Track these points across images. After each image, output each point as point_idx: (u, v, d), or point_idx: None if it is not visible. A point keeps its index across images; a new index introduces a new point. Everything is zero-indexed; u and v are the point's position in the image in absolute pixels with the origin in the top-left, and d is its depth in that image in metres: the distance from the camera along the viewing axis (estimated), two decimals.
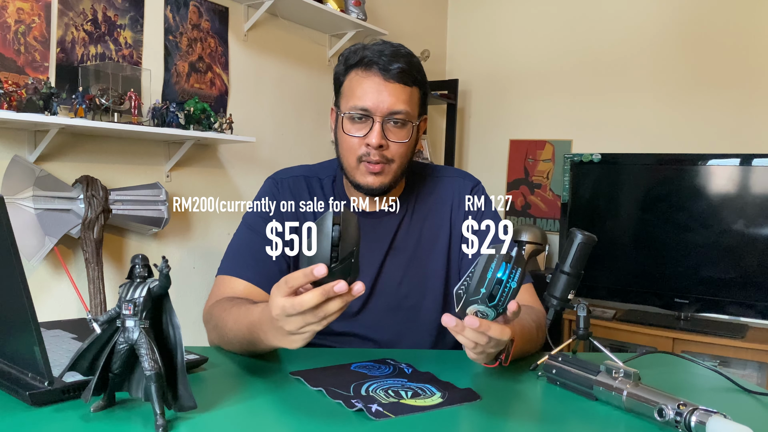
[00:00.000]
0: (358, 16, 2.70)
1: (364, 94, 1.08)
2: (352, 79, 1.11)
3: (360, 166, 1.11)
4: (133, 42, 2.04)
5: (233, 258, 1.16)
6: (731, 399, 0.90)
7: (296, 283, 0.76)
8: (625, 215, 2.89)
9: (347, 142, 1.11)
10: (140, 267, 0.70)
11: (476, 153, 3.69)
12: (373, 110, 1.08)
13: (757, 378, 2.50)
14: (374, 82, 1.08)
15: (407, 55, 1.11)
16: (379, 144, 1.08)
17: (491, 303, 0.76)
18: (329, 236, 0.74)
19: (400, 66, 1.07)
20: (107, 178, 1.95)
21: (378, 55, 1.08)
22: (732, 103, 2.90)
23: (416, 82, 1.11)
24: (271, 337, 0.84)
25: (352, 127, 1.11)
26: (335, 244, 0.74)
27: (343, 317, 1.14)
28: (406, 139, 1.11)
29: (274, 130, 2.62)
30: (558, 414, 0.82)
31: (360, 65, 1.10)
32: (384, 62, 1.07)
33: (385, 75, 1.08)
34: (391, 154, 1.11)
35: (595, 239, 0.99)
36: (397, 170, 1.13)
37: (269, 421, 0.75)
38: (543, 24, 3.41)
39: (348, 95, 1.11)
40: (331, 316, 0.77)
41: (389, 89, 1.08)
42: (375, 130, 1.08)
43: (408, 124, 1.10)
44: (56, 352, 0.88)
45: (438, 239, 1.20)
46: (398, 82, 1.08)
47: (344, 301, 0.76)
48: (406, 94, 1.09)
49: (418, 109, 1.14)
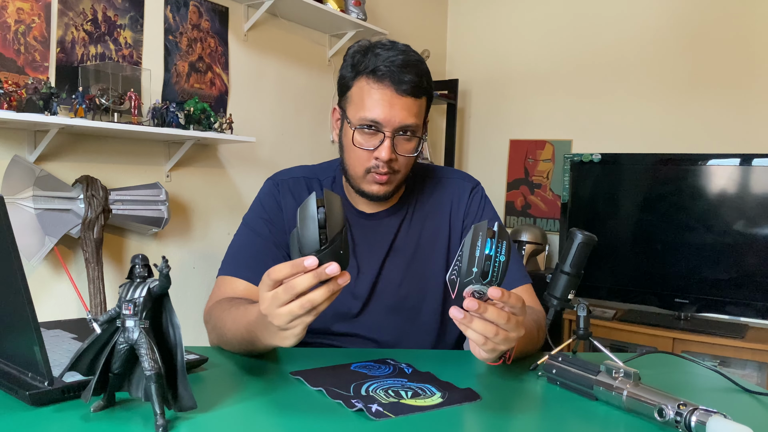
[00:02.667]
0: (358, 16, 2.70)
1: (375, 107, 1.06)
2: (362, 87, 1.08)
3: (367, 176, 1.11)
4: (133, 42, 2.04)
5: (234, 258, 1.15)
6: (731, 399, 0.90)
7: (281, 275, 0.74)
8: (625, 215, 2.89)
9: (356, 153, 1.10)
10: (140, 267, 0.70)
11: (476, 153, 3.69)
12: (384, 124, 1.06)
13: (757, 378, 2.51)
14: (386, 95, 1.06)
15: (417, 63, 1.08)
16: (389, 158, 1.07)
17: (485, 280, 0.76)
18: (315, 219, 0.73)
19: (412, 78, 1.05)
20: (107, 178, 1.95)
21: (390, 64, 1.05)
22: (732, 103, 2.90)
23: (426, 92, 1.10)
24: (267, 336, 0.83)
25: (361, 139, 1.09)
26: (322, 225, 0.73)
27: (343, 318, 1.15)
28: (414, 152, 1.10)
29: (274, 130, 2.62)
30: (558, 414, 0.82)
31: (371, 75, 1.07)
32: (396, 74, 1.05)
33: (397, 88, 1.05)
34: (398, 166, 1.11)
35: (595, 239, 0.99)
36: (401, 178, 1.14)
37: (269, 421, 0.75)
38: (543, 24, 3.41)
39: (357, 104, 1.09)
40: (319, 307, 0.75)
41: (401, 103, 1.06)
42: (386, 146, 1.06)
43: (416, 137, 1.10)
44: (56, 352, 0.88)
45: (438, 240, 1.20)
46: (410, 95, 1.06)
47: (330, 290, 0.74)
48: (417, 106, 1.08)
49: (425, 118, 1.14)
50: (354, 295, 1.15)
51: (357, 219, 1.19)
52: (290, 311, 0.75)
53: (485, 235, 0.75)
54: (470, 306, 0.76)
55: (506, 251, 0.76)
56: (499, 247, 0.75)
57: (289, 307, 0.75)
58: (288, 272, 0.74)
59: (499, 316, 0.77)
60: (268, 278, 0.76)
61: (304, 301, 0.74)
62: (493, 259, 0.75)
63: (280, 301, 0.75)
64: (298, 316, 0.75)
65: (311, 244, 0.73)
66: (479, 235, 0.75)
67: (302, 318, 0.76)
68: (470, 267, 0.75)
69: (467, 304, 0.76)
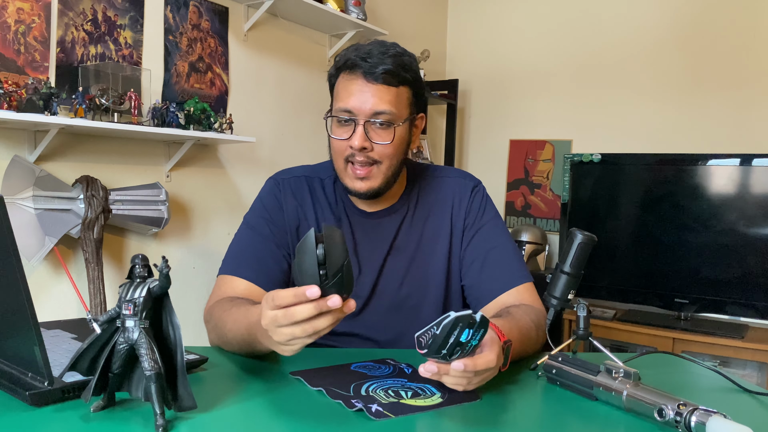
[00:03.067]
0: (358, 16, 2.70)
1: (347, 96, 1.08)
2: (340, 82, 1.11)
3: (348, 168, 1.11)
4: (133, 42, 2.04)
5: (234, 258, 1.15)
6: (731, 399, 0.90)
7: (284, 303, 0.74)
8: (625, 215, 2.89)
9: (334, 144, 1.12)
10: (140, 267, 0.70)
11: (476, 153, 3.69)
12: (356, 111, 1.07)
13: (757, 378, 2.51)
14: (358, 84, 1.07)
15: (397, 54, 1.09)
16: (362, 146, 1.07)
17: (451, 358, 0.78)
18: (314, 256, 0.72)
19: (385, 67, 1.06)
20: (107, 178, 1.95)
21: (365, 56, 1.07)
22: (732, 103, 2.90)
23: (404, 81, 1.09)
24: (266, 341, 0.83)
25: (337, 129, 1.11)
26: (321, 262, 0.72)
27: (344, 317, 1.15)
28: (389, 140, 1.09)
29: (274, 130, 2.62)
30: (558, 414, 0.82)
31: (345, 68, 1.09)
32: (369, 64, 1.06)
33: (368, 77, 1.07)
34: (377, 156, 1.10)
35: (595, 239, 0.99)
36: (387, 171, 1.12)
37: (269, 421, 0.75)
38: (543, 24, 3.41)
39: (336, 97, 1.12)
40: (322, 332, 0.75)
41: (372, 90, 1.07)
42: (357, 132, 1.07)
43: (392, 125, 1.09)
44: (56, 352, 0.88)
45: (439, 239, 1.20)
46: (382, 83, 1.07)
47: (335, 317, 0.74)
48: (391, 94, 1.08)
49: (409, 109, 1.12)
50: (355, 294, 1.15)
51: (358, 218, 1.19)
52: (291, 333, 0.75)
53: (464, 326, 0.74)
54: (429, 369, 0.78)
55: (481, 337, 0.77)
56: (475, 335, 0.76)
57: (291, 330, 0.75)
58: (290, 301, 0.73)
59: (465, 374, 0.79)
60: (273, 302, 0.75)
61: (306, 326, 0.74)
62: (465, 345, 0.76)
63: (280, 324, 0.75)
64: (299, 338, 0.75)
65: (309, 280, 0.73)
66: (458, 326, 0.74)
67: (302, 339, 0.76)
68: (440, 348, 0.76)
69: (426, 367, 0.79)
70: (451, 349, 0.76)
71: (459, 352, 0.77)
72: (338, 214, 1.19)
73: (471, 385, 0.81)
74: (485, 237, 1.19)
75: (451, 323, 0.74)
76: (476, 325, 0.75)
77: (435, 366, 0.78)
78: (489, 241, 1.19)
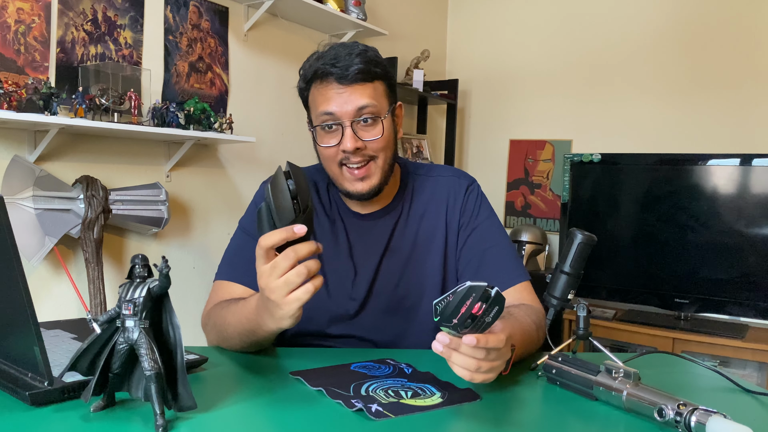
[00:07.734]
0: (358, 16, 2.70)
1: (326, 101, 1.08)
2: (312, 93, 1.11)
3: (343, 171, 1.11)
4: (133, 42, 2.04)
5: (230, 263, 1.16)
6: (731, 399, 0.90)
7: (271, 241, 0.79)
8: (625, 215, 2.89)
9: (324, 153, 1.12)
10: (140, 267, 0.70)
11: (476, 153, 3.69)
12: (339, 114, 1.07)
13: (757, 378, 2.51)
14: (334, 89, 1.07)
15: (361, 53, 1.09)
16: (355, 147, 1.07)
17: (462, 331, 0.76)
18: (286, 191, 0.78)
19: (356, 67, 1.06)
20: (107, 178, 1.95)
21: (333, 62, 1.07)
22: (732, 103, 2.90)
23: (376, 75, 1.10)
24: (266, 318, 0.87)
25: (324, 137, 1.10)
26: (294, 195, 0.79)
27: (341, 319, 1.15)
28: (379, 134, 1.09)
29: (274, 130, 2.62)
30: (558, 414, 0.82)
31: (316, 78, 1.09)
32: (339, 68, 1.06)
33: (342, 81, 1.07)
34: (372, 152, 1.10)
35: (595, 239, 0.99)
36: (384, 165, 1.12)
37: (269, 421, 0.75)
38: (543, 24, 3.41)
39: (313, 108, 1.11)
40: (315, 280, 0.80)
41: (350, 91, 1.07)
42: (347, 135, 1.07)
43: (378, 119, 1.09)
44: (56, 352, 0.88)
45: (434, 239, 1.20)
46: (357, 82, 1.07)
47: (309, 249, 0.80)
48: (369, 90, 1.08)
49: (387, 100, 1.13)
50: (351, 297, 1.15)
51: (352, 220, 1.19)
52: (287, 281, 0.79)
53: (478, 296, 0.73)
54: (441, 340, 0.77)
55: (494, 316, 0.75)
56: (488, 310, 0.74)
57: (286, 277, 0.79)
58: (279, 237, 0.79)
59: (475, 352, 0.77)
60: (260, 249, 0.80)
61: (300, 267, 0.79)
62: (477, 320, 0.74)
63: (280, 270, 0.79)
64: (295, 288, 0.80)
65: (287, 214, 0.78)
66: (472, 294, 0.73)
67: (300, 293, 0.80)
68: (452, 317, 0.75)
69: (438, 337, 0.77)
70: (463, 319, 0.74)
71: (470, 326, 0.75)
72: (332, 216, 1.19)
73: (478, 373, 0.78)
74: (481, 236, 1.18)
75: (465, 290, 0.73)
76: (491, 300, 0.74)
77: (447, 337, 0.76)
78: (485, 240, 1.18)
